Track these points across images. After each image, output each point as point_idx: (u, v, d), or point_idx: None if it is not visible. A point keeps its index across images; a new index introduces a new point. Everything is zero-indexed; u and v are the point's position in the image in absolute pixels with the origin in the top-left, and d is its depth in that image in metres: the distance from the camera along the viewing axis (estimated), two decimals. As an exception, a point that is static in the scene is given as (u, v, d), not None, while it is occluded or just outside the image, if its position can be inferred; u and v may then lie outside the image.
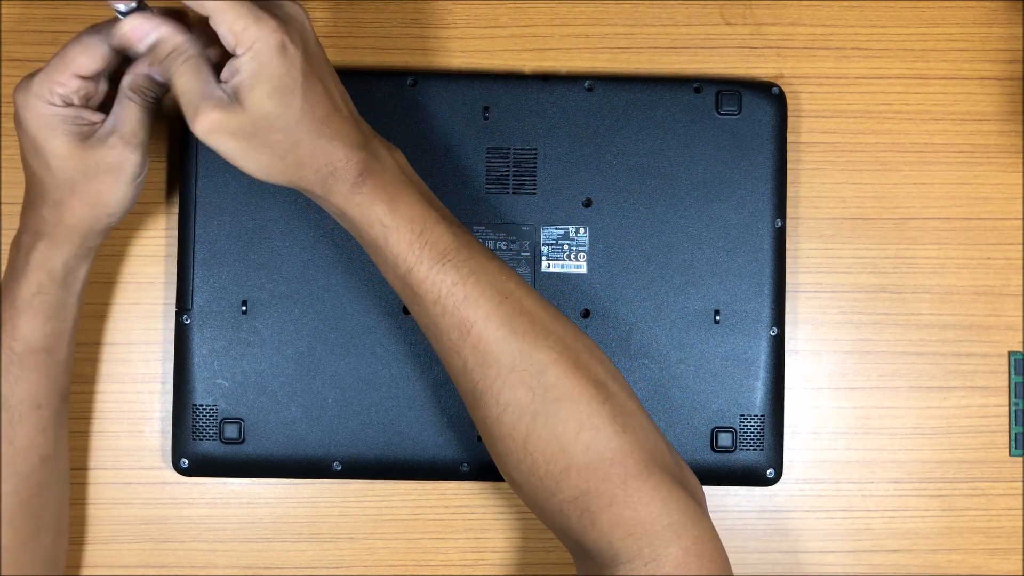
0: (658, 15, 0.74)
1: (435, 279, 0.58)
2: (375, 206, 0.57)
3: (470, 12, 0.74)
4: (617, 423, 0.57)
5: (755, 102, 0.71)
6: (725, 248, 0.70)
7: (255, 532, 0.72)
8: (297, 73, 0.55)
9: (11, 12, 0.73)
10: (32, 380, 0.63)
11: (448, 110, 0.70)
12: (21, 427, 0.63)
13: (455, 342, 0.58)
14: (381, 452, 0.69)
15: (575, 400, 0.57)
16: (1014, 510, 0.73)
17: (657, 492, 0.57)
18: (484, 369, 0.58)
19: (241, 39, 0.54)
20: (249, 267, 0.70)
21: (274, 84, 0.54)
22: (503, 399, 0.58)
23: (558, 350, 0.58)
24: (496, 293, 0.58)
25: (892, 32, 0.74)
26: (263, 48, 0.54)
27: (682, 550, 0.56)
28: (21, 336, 0.63)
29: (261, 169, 0.57)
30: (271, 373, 0.69)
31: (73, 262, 0.64)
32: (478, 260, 0.59)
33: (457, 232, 0.59)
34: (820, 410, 0.73)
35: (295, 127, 0.56)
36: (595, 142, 0.70)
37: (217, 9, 0.54)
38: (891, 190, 0.74)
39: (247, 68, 0.54)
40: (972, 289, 0.74)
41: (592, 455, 0.57)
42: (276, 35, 0.54)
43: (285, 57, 0.54)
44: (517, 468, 0.59)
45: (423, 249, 0.58)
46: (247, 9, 0.54)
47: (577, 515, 0.57)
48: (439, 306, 0.58)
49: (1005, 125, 0.74)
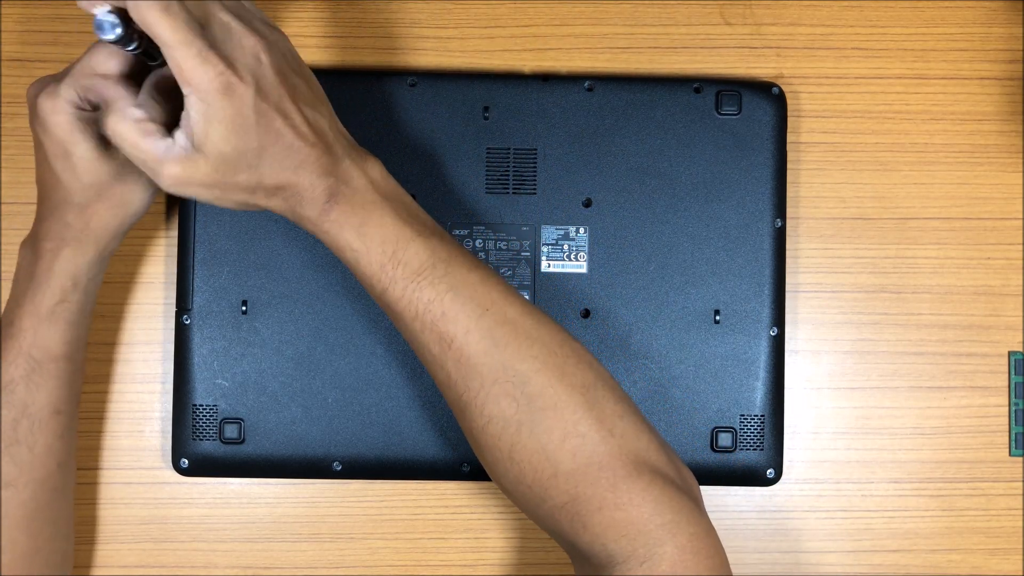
0: (658, 15, 0.74)
1: (411, 297, 0.57)
2: (343, 232, 0.57)
3: (470, 12, 0.74)
4: (604, 428, 0.57)
5: (755, 102, 0.71)
6: (725, 248, 0.70)
7: (255, 532, 0.72)
8: (248, 111, 0.53)
9: (11, 12, 0.73)
10: (52, 387, 0.64)
11: (448, 110, 0.70)
12: (40, 434, 0.63)
13: (436, 356, 0.58)
14: (381, 452, 0.69)
15: (560, 409, 0.57)
16: (1014, 510, 0.73)
17: (648, 492, 0.57)
18: (467, 382, 0.58)
19: (187, 79, 0.52)
20: (249, 267, 0.70)
21: (226, 125, 0.53)
22: (487, 411, 0.58)
23: (542, 359, 0.58)
24: (476, 306, 0.58)
25: (892, 32, 0.74)
26: (208, 90, 0.53)
27: (677, 548, 0.56)
28: (43, 344, 0.63)
29: (239, 207, 0.57)
30: (271, 373, 0.69)
31: (95, 269, 0.64)
32: (457, 274, 0.58)
33: (435, 246, 0.58)
34: (820, 410, 0.73)
35: (256, 163, 0.55)
36: (595, 142, 0.70)
37: (166, 43, 0.52)
38: (891, 190, 0.74)
39: (196, 110, 0.53)
40: (972, 289, 0.74)
41: (579, 461, 0.57)
42: (221, 78, 0.52)
43: (233, 97, 0.53)
44: (505, 476, 0.59)
45: (396, 270, 0.57)
46: (195, 48, 0.52)
47: (568, 520, 0.57)
48: (418, 322, 0.58)
49: (1005, 125, 0.74)
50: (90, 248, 0.63)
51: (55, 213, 0.63)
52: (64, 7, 0.73)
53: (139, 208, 0.64)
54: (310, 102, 0.57)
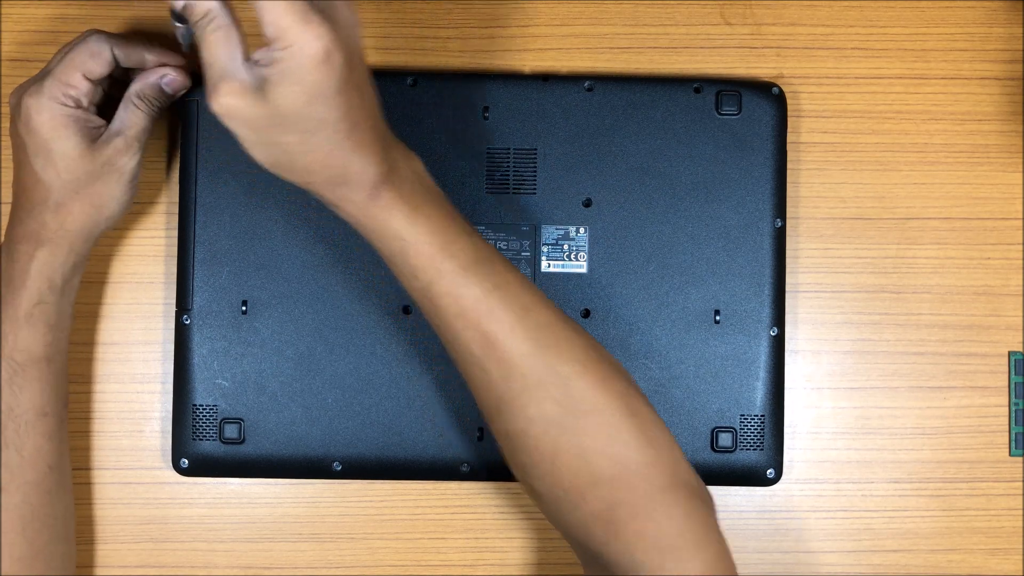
0: (658, 15, 0.74)
1: (457, 293, 0.56)
2: (393, 218, 0.56)
3: (470, 12, 0.74)
4: (643, 437, 0.57)
5: (755, 102, 0.71)
6: (725, 248, 0.70)
7: (255, 532, 0.72)
8: (334, 82, 0.51)
9: (11, 12, 0.73)
10: (36, 389, 0.64)
11: (448, 110, 0.70)
12: (28, 436, 0.63)
13: (477, 355, 0.57)
14: (381, 452, 0.69)
15: (602, 413, 0.57)
16: (1014, 510, 0.73)
17: (681, 506, 0.56)
18: (508, 382, 0.57)
19: (283, 37, 0.50)
20: (249, 267, 0.70)
21: (305, 89, 0.51)
22: (529, 412, 0.57)
23: (583, 363, 0.57)
24: (520, 307, 0.57)
25: (892, 32, 0.74)
26: (303, 52, 0.50)
27: (704, 564, 0.56)
28: (23, 347, 0.63)
29: (267, 163, 0.55)
30: (271, 373, 0.69)
31: (71, 270, 0.65)
32: (500, 273, 0.58)
33: (479, 244, 0.58)
34: (820, 410, 0.73)
35: (313, 134, 0.53)
36: (595, 142, 0.70)
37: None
38: (891, 190, 0.74)
39: (281, 65, 0.51)
40: (972, 289, 0.74)
41: (619, 468, 0.56)
42: (320, 42, 0.50)
43: (325, 65, 0.51)
44: (541, 480, 0.58)
45: (444, 262, 0.56)
46: (298, 6, 0.50)
47: (601, 528, 0.57)
48: (461, 319, 0.57)
49: (1005, 125, 0.74)
50: (64, 249, 0.64)
51: (32, 213, 0.64)
52: (64, 7, 0.73)
53: (115, 211, 0.65)
54: (373, 88, 0.55)
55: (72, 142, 0.62)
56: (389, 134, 0.57)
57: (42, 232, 0.63)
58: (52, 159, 0.63)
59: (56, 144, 0.62)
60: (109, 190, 0.64)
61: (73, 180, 0.63)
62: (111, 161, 0.64)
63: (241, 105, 0.52)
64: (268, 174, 0.63)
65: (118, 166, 0.64)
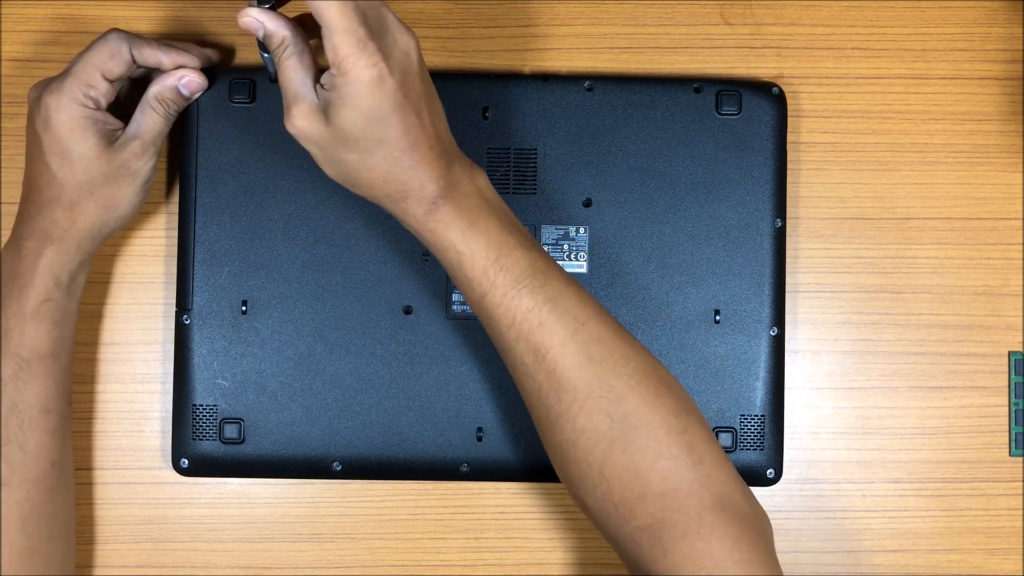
0: (658, 15, 0.74)
1: (510, 304, 0.58)
2: (449, 232, 0.58)
3: (470, 12, 0.74)
4: (694, 455, 0.57)
5: (755, 102, 0.71)
6: (725, 248, 0.70)
7: (255, 532, 0.72)
8: (389, 105, 0.55)
9: (11, 12, 0.73)
10: (40, 385, 0.64)
11: (448, 110, 0.70)
12: (32, 432, 0.64)
13: (529, 366, 0.58)
14: (381, 452, 0.69)
15: (653, 428, 0.57)
16: (1014, 510, 0.73)
17: (730, 527, 0.56)
18: (560, 394, 0.58)
19: (341, 64, 0.54)
20: (249, 267, 0.70)
21: (362, 112, 0.55)
22: (579, 424, 0.57)
23: (636, 378, 0.58)
24: (573, 320, 0.58)
25: (892, 32, 0.74)
26: (359, 78, 0.54)
27: None
28: (29, 343, 0.64)
29: (336, 178, 0.59)
30: (271, 373, 0.69)
31: (78, 268, 0.65)
32: (555, 286, 0.59)
33: (535, 257, 0.59)
34: (820, 410, 0.73)
35: (372, 153, 0.57)
36: (595, 142, 0.70)
37: (329, 27, 0.54)
38: (891, 190, 0.74)
39: (340, 91, 0.55)
40: (972, 289, 0.74)
41: (669, 484, 0.57)
42: (374, 69, 0.54)
43: (379, 90, 0.55)
44: (591, 493, 0.58)
45: (497, 275, 0.58)
46: (355, 36, 0.54)
47: (649, 544, 0.57)
48: (513, 331, 0.58)
49: (1005, 125, 0.74)
50: (73, 247, 0.65)
51: (43, 211, 0.64)
52: (64, 7, 0.73)
53: (125, 211, 0.66)
54: (437, 106, 0.59)
55: (90, 143, 0.63)
56: (453, 149, 0.60)
57: (52, 230, 0.64)
58: (70, 159, 0.63)
59: (74, 145, 0.63)
60: (123, 192, 0.65)
61: (88, 181, 0.64)
62: (127, 164, 0.65)
63: (309, 126, 0.57)
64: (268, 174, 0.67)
65: (133, 169, 0.65)
